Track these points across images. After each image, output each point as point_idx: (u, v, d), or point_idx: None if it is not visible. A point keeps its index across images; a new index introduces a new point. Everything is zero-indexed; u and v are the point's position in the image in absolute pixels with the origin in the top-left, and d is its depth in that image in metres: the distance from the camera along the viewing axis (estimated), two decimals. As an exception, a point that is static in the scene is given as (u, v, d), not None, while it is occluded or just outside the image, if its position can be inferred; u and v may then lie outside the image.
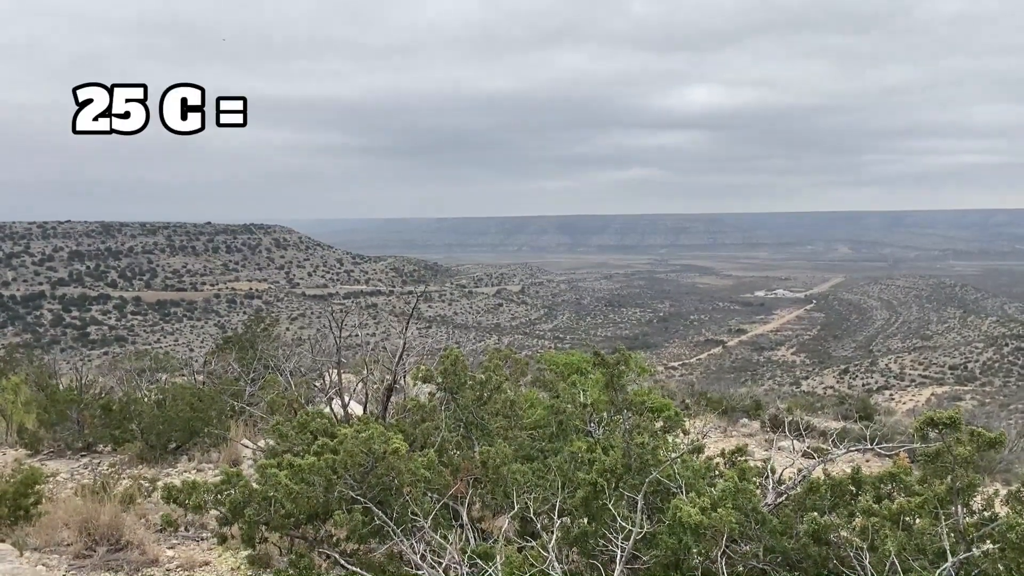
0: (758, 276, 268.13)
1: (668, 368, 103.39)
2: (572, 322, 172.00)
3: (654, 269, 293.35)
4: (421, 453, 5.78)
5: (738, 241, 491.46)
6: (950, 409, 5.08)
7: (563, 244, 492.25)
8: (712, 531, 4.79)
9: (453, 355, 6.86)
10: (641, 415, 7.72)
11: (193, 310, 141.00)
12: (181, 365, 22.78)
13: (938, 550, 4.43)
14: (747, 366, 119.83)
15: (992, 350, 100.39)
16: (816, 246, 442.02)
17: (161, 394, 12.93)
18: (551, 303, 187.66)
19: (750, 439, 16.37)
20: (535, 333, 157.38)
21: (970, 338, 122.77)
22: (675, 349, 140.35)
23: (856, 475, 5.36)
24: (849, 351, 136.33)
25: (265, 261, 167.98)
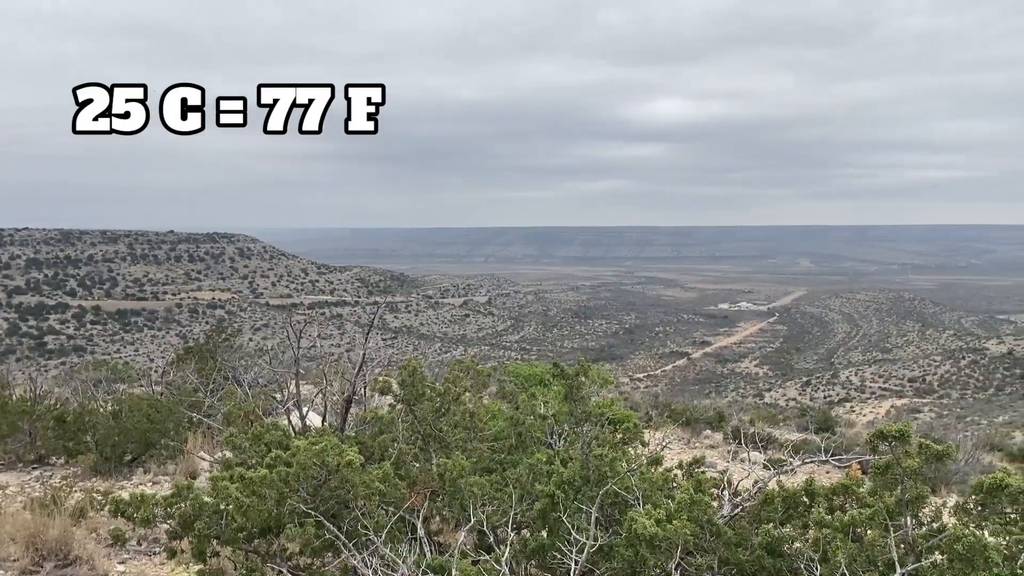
0: (722, 289, 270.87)
1: (633, 380, 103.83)
2: (539, 333, 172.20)
3: (620, 281, 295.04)
4: (377, 466, 5.72)
5: (703, 254, 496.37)
6: (901, 422, 5.15)
7: (530, 255, 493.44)
8: (667, 543, 4.80)
9: (411, 366, 6.81)
10: (601, 427, 7.74)
11: (154, 320, 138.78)
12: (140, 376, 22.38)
13: (888, 561, 4.48)
14: (711, 378, 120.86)
15: (949, 363, 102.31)
16: (779, 259, 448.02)
17: (117, 405, 12.67)
18: (518, 314, 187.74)
19: (713, 450, 16.47)
20: (501, 344, 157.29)
21: (928, 351, 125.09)
22: (640, 361, 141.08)
23: (809, 487, 5.41)
24: (811, 363, 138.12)
25: (228, 270, 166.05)
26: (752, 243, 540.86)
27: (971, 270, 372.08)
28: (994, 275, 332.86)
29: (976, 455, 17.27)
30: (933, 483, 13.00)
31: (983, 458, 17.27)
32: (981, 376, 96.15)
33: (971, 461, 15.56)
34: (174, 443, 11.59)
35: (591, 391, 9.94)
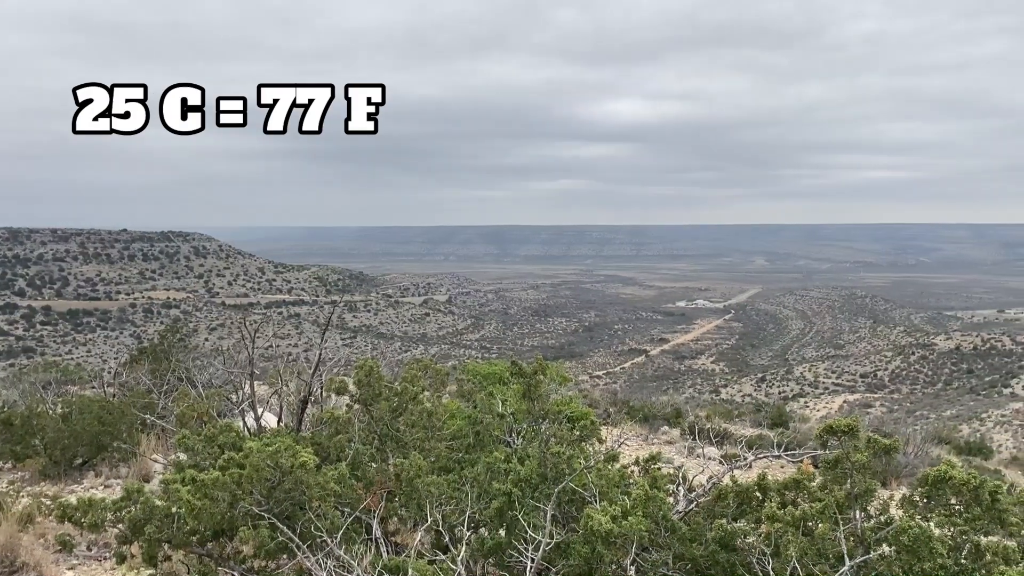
0: (679, 287, 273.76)
1: (593, 377, 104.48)
2: (499, 332, 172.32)
3: (580, 279, 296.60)
4: (333, 467, 5.67)
5: (661, 252, 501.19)
6: (849, 417, 5.26)
7: (490, 254, 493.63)
8: (623, 539, 4.83)
9: (368, 365, 6.76)
10: (559, 424, 7.76)
11: (107, 320, 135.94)
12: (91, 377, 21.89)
13: (837, 554, 4.57)
14: (669, 374, 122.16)
15: (900, 359, 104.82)
16: (734, 258, 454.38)
17: (67, 407, 12.38)
18: (478, 313, 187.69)
19: (670, 446, 16.62)
20: (462, 343, 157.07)
21: (879, 347, 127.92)
22: (600, 358, 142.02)
23: (762, 482, 5.49)
24: (766, 360, 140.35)
25: (184, 270, 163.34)
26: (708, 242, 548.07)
27: (919, 268, 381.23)
28: (941, 273, 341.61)
29: (925, 448, 17.68)
30: (884, 476, 13.29)
31: (932, 451, 17.70)
32: (930, 371, 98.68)
33: (920, 454, 15.93)
34: (126, 446, 11.36)
35: (550, 389, 9.97)
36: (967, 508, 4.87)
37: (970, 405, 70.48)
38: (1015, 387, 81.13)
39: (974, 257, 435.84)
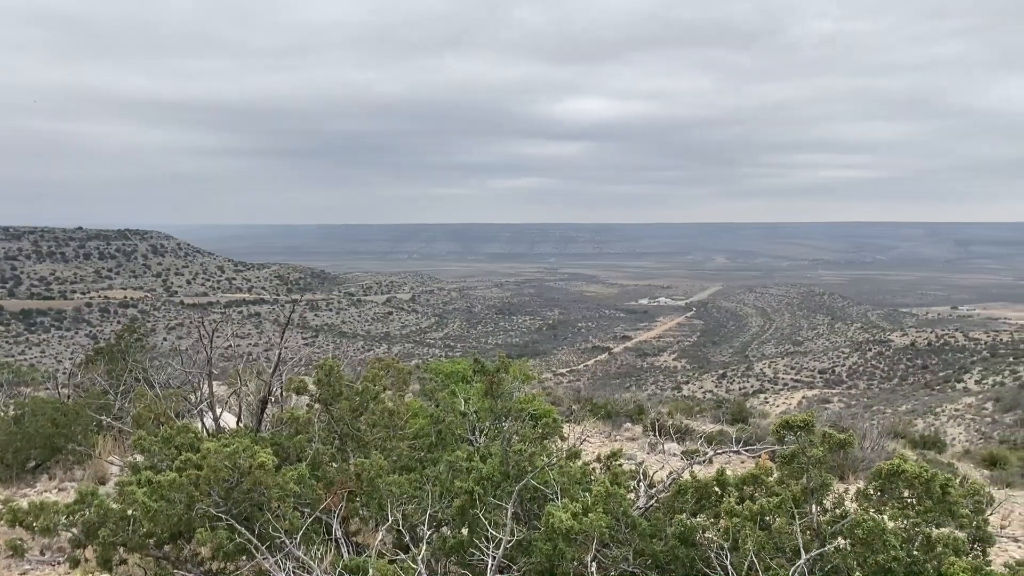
0: (642, 284, 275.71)
1: (556, 375, 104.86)
2: (463, 330, 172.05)
3: (544, 277, 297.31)
4: (292, 467, 5.62)
5: (624, 250, 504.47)
6: (804, 412, 5.34)
7: (454, 252, 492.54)
8: (584, 536, 4.86)
9: (328, 365, 6.71)
10: (522, 422, 7.77)
11: (62, 320, 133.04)
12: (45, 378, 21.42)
13: (794, 547, 4.64)
14: (632, 372, 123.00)
15: (857, 355, 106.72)
16: (696, 256, 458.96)
17: (20, 409, 12.09)
18: (442, 311, 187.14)
19: (632, 443, 16.73)
20: (425, 341, 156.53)
21: (837, 343, 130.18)
22: (564, 356, 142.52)
23: (720, 477, 5.56)
24: (727, 356, 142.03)
25: (141, 268, 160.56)
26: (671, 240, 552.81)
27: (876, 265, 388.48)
28: (897, 270, 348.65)
29: (881, 442, 18.04)
30: (841, 470, 13.53)
31: (888, 445, 18.06)
32: (886, 367, 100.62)
33: (876, 448, 16.25)
34: (81, 448, 11.14)
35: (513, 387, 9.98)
36: (919, 501, 4.98)
37: (924, 400, 72.03)
38: (968, 382, 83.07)
39: (929, 255, 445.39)
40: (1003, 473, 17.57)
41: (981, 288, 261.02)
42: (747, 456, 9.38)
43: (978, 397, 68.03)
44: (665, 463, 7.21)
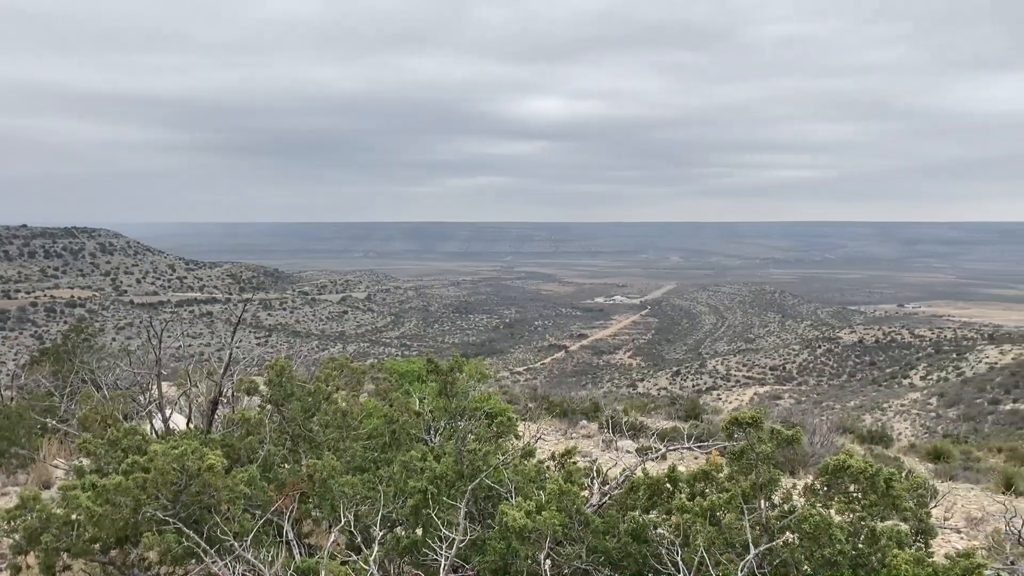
0: (598, 283, 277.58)
1: (513, 373, 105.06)
2: (419, 329, 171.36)
3: (501, 276, 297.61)
4: (243, 469, 5.54)
5: (580, 249, 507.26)
6: (753, 409, 5.43)
7: (411, 250, 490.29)
8: (537, 534, 4.88)
9: (279, 365, 6.63)
10: (478, 421, 7.77)
11: (5, 320, 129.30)
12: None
13: (744, 542, 4.72)
14: (588, 369, 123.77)
15: (807, 352, 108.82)
16: (651, 254, 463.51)
17: (-41, 412, 11.72)
18: (398, 310, 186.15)
19: (588, 440, 16.83)
20: (381, 341, 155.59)
21: (788, 341, 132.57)
22: (520, 354, 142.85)
23: (672, 473, 5.62)
24: (681, 354, 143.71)
25: (89, 267, 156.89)
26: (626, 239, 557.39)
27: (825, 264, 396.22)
28: (846, 269, 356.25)
29: (830, 438, 18.42)
30: (792, 465, 13.79)
31: (837, 440, 18.44)
32: (835, 364, 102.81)
33: (826, 443, 16.58)
34: (25, 451, 10.84)
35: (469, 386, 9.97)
36: (865, 495, 5.10)
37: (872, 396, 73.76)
38: (913, 378, 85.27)
39: (877, 254, 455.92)
40: (947, 466, 18.07)
41: (927, 286, 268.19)
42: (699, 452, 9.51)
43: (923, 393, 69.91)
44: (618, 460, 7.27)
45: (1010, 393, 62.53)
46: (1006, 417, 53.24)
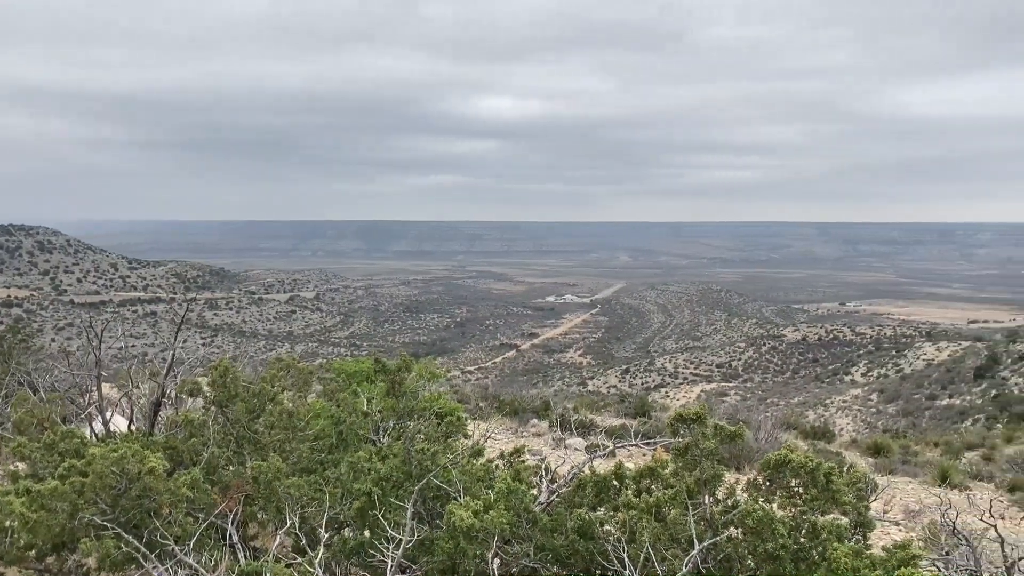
0: (549, 282, 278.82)
1: (465, 372, 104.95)
2: (369, 328, 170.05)
3: (452, 275, 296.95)
4: (186, 471, 5.43)
5: (531, 248, 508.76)
6: (697, 405, 5.51)
7: (360, 249, 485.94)
8: (485, 533, 4.88)
9: (223, 365, 6.52)
10: (426, 420, 7.74)
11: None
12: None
13: (688, 538, 4.79)
14: (539, 368, 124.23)
15: (752, 349, 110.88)
16: (600, 254, 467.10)
17: None
18: (348, 309, 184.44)
19: (539, 438, 16.90)
20: (330, 340, 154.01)
21: (734, 338, 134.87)
22: (472, 353, 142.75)
23: (619, 470, 5.68)
24: (630, 352, 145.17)
25: (27, 266, 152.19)
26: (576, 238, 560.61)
27: (770, 263, 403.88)
28: (789, 268, 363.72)
29: (775, 434, 18.78)
30: (737, 461, 14.03)
31: (781, 436, 18.81)
32: (779, 361, 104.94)
33: (770, 439, 16.90)
34: (-45, 457, 10.47)
35: (419, 385, 9.92)
36: (806, 489, 5.21)
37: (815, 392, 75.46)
38: (855, 375, 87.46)
39: (819, 253, 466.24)
40: (886, 461, 18.57)
41: (867, 285, 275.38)
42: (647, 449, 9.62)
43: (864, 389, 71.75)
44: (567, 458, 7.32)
45: (946, 389, 64.54)
46: (942, 412, 54.94)
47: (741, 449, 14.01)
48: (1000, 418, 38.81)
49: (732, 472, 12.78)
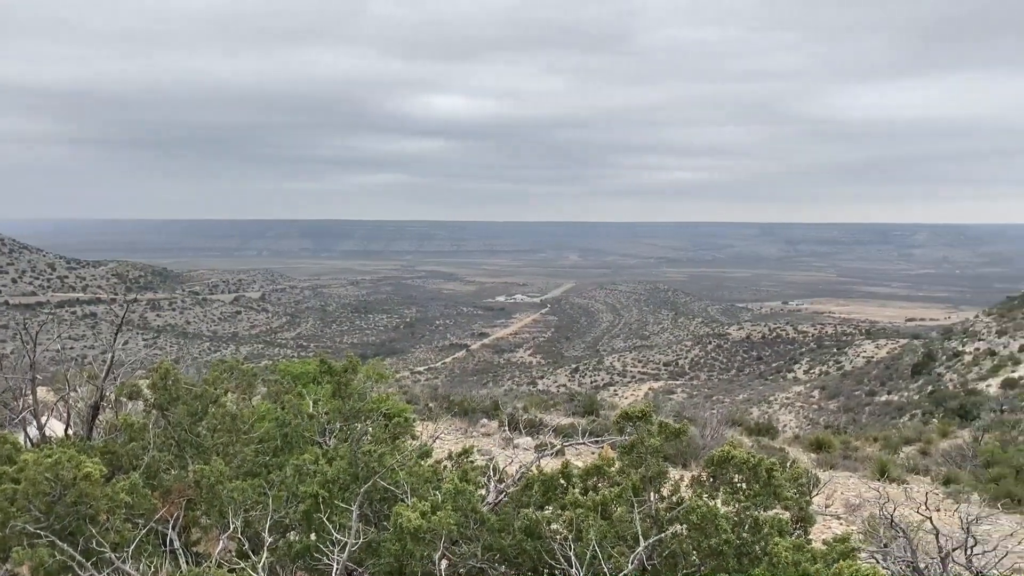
0: (499, 282, 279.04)
1: (414, 373, 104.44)
2: (317, 329, 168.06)
3: (401, 275, 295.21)
4: (125, 476, 5.30)
5: (481, 248, 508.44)
6: (642, 404, 5.57)
7: (307, 249, 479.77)
8: (432, 535, 4.86)
9: (164, 368, 6.38)
10: (375, 422, 7.68)
11: None
12: None
13: (634, 535, 4.84)
14: (489, 368, 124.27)
15: (698, 348, 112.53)
16: (550, 253, 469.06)
17: None
18: (294, 310, 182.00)
19: (488, 438, 16.89)
20: (277, 342, 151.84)
21: (680, 337, 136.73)
22: (421, 354, 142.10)
23: (565, 469, 5.71)
24: (579, 351, 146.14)
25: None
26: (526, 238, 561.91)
27: (715, 263, 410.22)
28: (734, 267, 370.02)
29: (720, 430, 19.08)
30: (684, 458, 14.22)
31: (726, 433, 19.11)
32: (725, 359, 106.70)
33: (716, 436, 17.16)
34: None
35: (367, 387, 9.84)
36: (748, 485, 5.31)
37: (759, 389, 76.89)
38: (797, 372, 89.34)
39: (762, 253, 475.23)
40: (828, 456, 19.01)
41: (809, 284, 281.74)
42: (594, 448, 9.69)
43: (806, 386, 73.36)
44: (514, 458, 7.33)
45: (885, 385, 66.33)
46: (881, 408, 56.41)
47: (687, 446, 14.20)
48: (936, 413, 39.97)
49: (679, 469, 12.95)
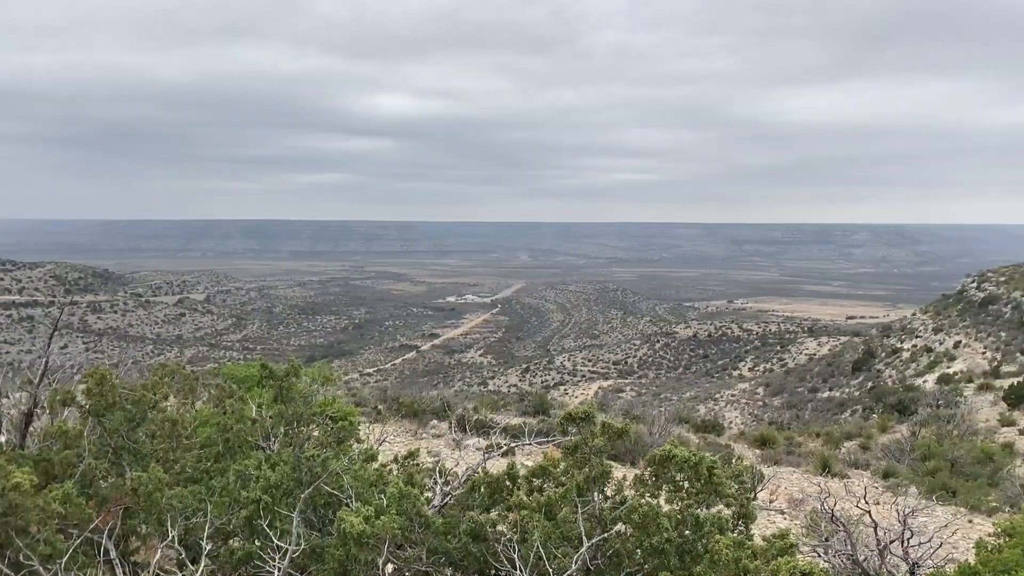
0: (449, 282, 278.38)
1: (364, 375, 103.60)
2: (263, 331, 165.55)
3: (349, 276, 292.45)
4: (58, 485, 5.15)
5: (430, 248, 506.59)
6: (585, 404, 5.62)
7: (251, 250, 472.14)
8: (376, 539, 4.83)
9: (99, 373, 6.21)
10: (320, 426, 7.59)
11: None
12: None
13: (578, 535, 4.87)
14: (440, 369, 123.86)
15: (647, 346, 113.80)
16: (500, 253, 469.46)
17: None
18: (240, 312, 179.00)
19: (438, 439, 16.84)
20: (222, 344, 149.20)
21: (629, 336, 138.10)
22: (371, 355, 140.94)
23: (511, 470, 5.72)
24: (530, 351, 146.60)
25: None
26: (475, 238, 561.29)
27: (662, 263, 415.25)
28: (680, 267, 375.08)
29: (668, 428, 19.33)
30: (633, 456, 14.35)
31: (674, 430, 19.37)
32: (672, 357, 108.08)
33: (664, 433, 17.38)
34: None
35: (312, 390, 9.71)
36: (690, 483, 5.39)
37: (706, 387, 78.08)
38: (743, 369, 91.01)
39: (707, 253, 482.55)
40: (772, 452, 19.41)
41: (753, 283, 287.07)
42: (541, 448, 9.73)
43: (751, 383, 74.75)
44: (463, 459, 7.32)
45: (827, 382, 67.96)
46: (823, 404, 57.77)
47: (635, 444, 14.34)
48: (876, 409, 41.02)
49: (627, 467, 13.07)
